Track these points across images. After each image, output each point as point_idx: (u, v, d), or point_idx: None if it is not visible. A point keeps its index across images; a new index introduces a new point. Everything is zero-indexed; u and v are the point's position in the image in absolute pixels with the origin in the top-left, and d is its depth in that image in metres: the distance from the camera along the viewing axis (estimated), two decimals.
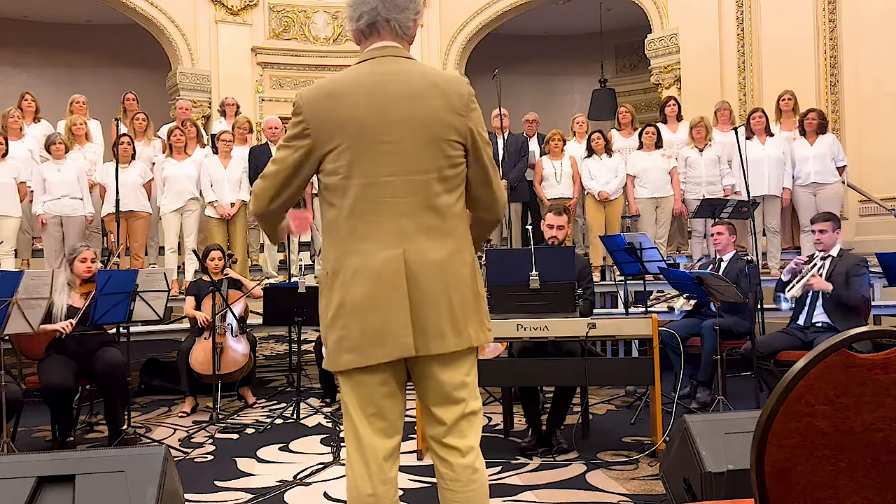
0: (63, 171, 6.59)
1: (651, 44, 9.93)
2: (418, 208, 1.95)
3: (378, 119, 1.93)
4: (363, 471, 1.97)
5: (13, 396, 4.01)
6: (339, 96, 1.96)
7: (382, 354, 1.92)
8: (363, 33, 2.04)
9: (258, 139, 8.52)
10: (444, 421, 2.00)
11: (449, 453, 2.01)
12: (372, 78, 1.97)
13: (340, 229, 1.96)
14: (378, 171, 1.93)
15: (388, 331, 1.91)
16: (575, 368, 4.02)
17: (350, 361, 1.94)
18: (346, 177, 1.94)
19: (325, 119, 1.94)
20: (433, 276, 1.93)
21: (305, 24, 11.48)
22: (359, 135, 1.93)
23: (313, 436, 4.60)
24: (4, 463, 2.52)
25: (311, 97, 1.99)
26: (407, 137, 1.94)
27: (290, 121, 2.00)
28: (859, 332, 1.14)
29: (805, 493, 1.15)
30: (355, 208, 1.94)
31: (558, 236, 4.55)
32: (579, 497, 3.44)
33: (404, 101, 1.95)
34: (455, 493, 2.00)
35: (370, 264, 1.92)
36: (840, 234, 4.90)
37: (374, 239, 1.93)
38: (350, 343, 1.93)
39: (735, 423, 2.82)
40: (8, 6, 11.38)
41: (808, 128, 6.81)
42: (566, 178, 7.36)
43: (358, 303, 1.92)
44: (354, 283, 1.93)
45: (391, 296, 1.91)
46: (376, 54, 2.02)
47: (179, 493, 2.70)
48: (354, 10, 2.04)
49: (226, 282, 5.53)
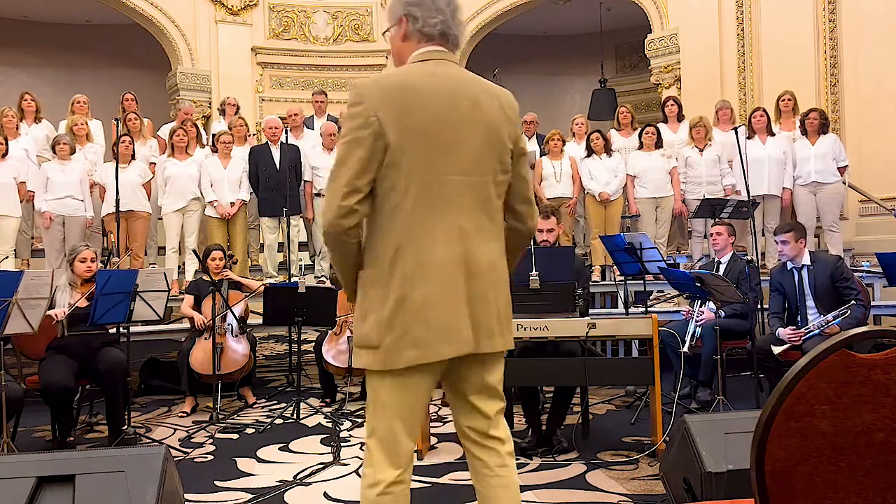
0: (67, 171, 6.61)
1: (651, 44, 9.93)
2: (475, 210, 1.99)
3: (445, 118, 1.95)
4: (386, 472, 1.96)
5: (13, 396, 4.01)
6: (409, 88, 1.95)
7: (448, 350, 1.94)
8: (427, 36, 2.04)
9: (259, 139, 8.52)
10: (489, 414, 2.07)
11: (494, 443, 2.09)
12: (437, 78, 1.99)
13: (397, 225, 1.93)
14: (442, 168, 1.94)
15: (452, 327, 1.93)
16: (575, 368, 4.02)
17: (413, 358, 1.91)
18: (410, 171, 1.91)
19: (393, 108, 1.91)
20: (486, 276, 1.99)
21: (305, 24, 11.49)
22: (426, 131, 1.92)
23: (313, 436, 4.60)
24: (4, 463, 2.52)
25: (376, 85, 1.95)
26: (469, 139, 1.97)
27: (349, 111, 1.94)
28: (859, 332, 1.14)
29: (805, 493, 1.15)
30: (418, 204, 1.92)
31: (549, 239, 4.52)
32: (579, 497, 3.44)
33: (468, 104, 1.98)
34: (503, 479, 2.08)
35: (434, 261, 1.93)
36: (804, 243, 4.86)
37: (437, 236, 1.93)
38: (412, 339, 1.90)
39: (735, 423, 2.83)
40: (8, 6, 11.38)
41: (810, 128, 6.81)
42: (565, 177, 7.36)
43: (423, 299, 1.91)
44: (418, 278, 1.91)
45: (454, 293, 1.94)
46: (434, 56, 2.03)
47: (179, 493, 2.70)
48: (427, 12, 2.03)
49: (226, 282, 5.54)
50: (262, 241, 7.42)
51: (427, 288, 1.92)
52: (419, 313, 1.91)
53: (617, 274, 6.02)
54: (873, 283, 6.52)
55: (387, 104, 1.91)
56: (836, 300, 4.69)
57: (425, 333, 1.91)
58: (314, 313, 5.17)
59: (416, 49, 2.05)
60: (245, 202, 7.13)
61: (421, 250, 1.92)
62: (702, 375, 5.02)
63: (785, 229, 4.90)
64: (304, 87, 11.24)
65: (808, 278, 4.81)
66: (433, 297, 1.92)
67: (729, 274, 5.11)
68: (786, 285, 4.89)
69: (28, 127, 7.26)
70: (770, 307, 4.98)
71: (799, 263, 4.85)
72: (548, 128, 8.19)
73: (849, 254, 7.19)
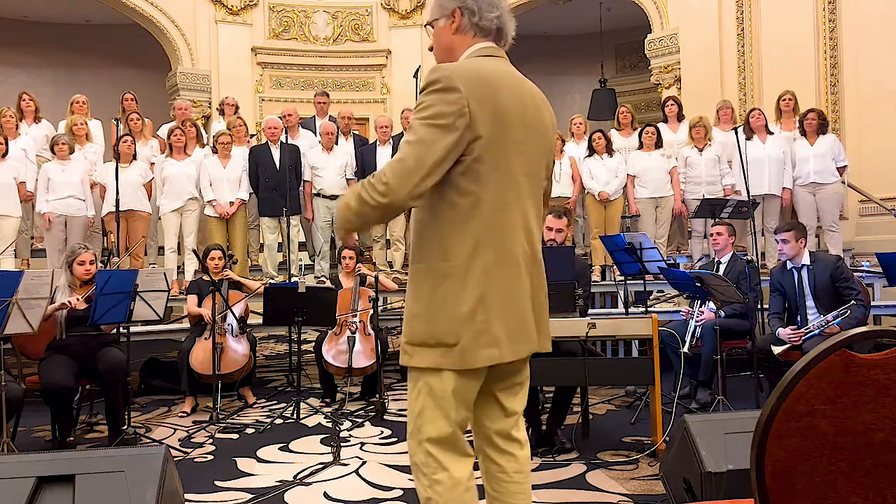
0: (67, 171, 6.61)
1: (651, 44, 9.94)
2: (533, 209, 2.00)
3: (520, 118, 1.93)
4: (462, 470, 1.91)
5: (13, 396, 4.01)
6: (494, 83, 1.89)
7: (523, 350, 1.94)
8: (484, 31, 1.99)
9: (259, 139, 8.52)
10: (516, 411, 2.06)
11: (513, 446, 2.05)
12: (510, 76, 1.96)
13: (475, 220, 1.87)
14: (515, 168, 1.93)
15: (526, 326, 1.93)
16: (575, 368, 4.02)
17: (492, 357, 1.86)
18: (492, 167, 1.87)
19: (483, 101, 1.84)
20: (540, 276, 2.01)
21: (305, 24, 11.49)
22: (508, 129, 1.90)
23: (313, 436, 4.59)
24: (4, 463, 2.52)
25: (467, 76, 1.85)
26: (535, 141, 1.99)
27: (439, 96, 1.81)
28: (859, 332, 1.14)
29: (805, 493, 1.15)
30: (496, 201, 1.88)
31: (557, 239, 4.51)
32: (579, 497, 3.44)
33: (533, 106, 2.00)
34: (520, 485, 2.04)
35: (511, 258, 1.91)
36: (804, 243, 4.87)
37: (511, 234, 1.92)
38: (491, 338, 1.85)
39: (735, 423, 2.83)
40: (8, 6, 11.38)
41: (809, 128, 6.81)
42: (565, 177, 7.37)
43: (503, 296, 1.88)
44: (497, 275, 1.87)
45: (525, 291, 1.94)
46: (495, 53, 2.00)
47: (179, 493, 2.70)
48: (485, 5, 1.98)
49: (226, 282, 5.54)
50: (262, 241, 7.42)
51: (505, 285, 1.89)
52: (499, 311, 1.86)
53: (617, 274, 6.02)
54: (873, 283, 6.52)
55: (478, 96, 1.84)
56: (835, 300, 4.70)
57: (504, 332, 1.87)
58: (314, 313, 5.17)
59: (472, 44, 1.99)
60: (244, 202, 7.13)
61: (500, 247, 1.89)
62: (702, 375, 5.02)
63: (785, 228, 4.91)
64: (304, 87, 11.24)
65: (808, 278, 4.81)
66: (511, 295, 1.90)
67: (729, 274, 5.11)
68: (786, 285, 4.89)
69: (27, 127, 7.27)
70: (770, 307, 4.97)
71: (799, 263, 4.85)
72: None
73: (849, 254, 7.19)
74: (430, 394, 1.90)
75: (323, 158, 7.40)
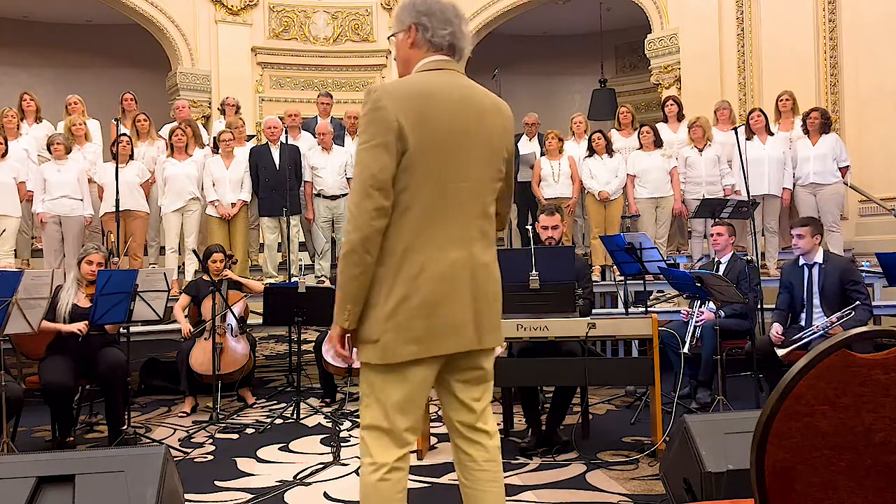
0: (63, 171, 6.61)
1: (651, 44, 9.93)
2: (478, 215, 2.09)
3: (457, 127, 2.03)
4: (386, 457, 2.01)
5: (13, 396, 4.01)
6: (426, 96, 2.01)
7: (448, 346, 2.03)
8: (436, 46, 2.10)
9: (259, 140, 8.52)
10: (476, 409, 2.16)
11: (481, 436, 2.16)
12: (450, 87, 2.07)
13: (407, 226, 1.99)
14: (453, 175, 2.03)
15: (455, 325, 2.02)
16: (575, 368, 4.02)
17: (412, 352, 1.98)
18: (423, 176, 1.98)
19: (412, 115, 1.97)
20: (486, 277, 2.10)
21: (305, 24, 11.48)
22: (440, 138, 2.00)
23: (313, 436, 4.60)
24: (4, 463, 2.52)
25: (396, 91, 2.00)
26: (477, 148, 2.07)
27: (370, 116, 1.97)
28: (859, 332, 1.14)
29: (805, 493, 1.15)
30: (427, 209, 2.00)
31: (554, 236, 4.54)
32: (579, 497, 3.44)
33: (475, 114, 2.08)
34: (490, 472, 2.15)
35: (442, 263, 2.01)
36: (819, 239, 4.88)
37: (445, 240, 2.02)
38: (412, 335, 1.97)
39: (735, 423, 2.82)
40: (8, 6, 11.38)
41: (811, 127, 6.80)
42: (564, 177, 7.36)
43: (427, 298, 1.98)
44: (423, 279, 1.98)
45: (458, 293, 2.03)
46: (444, 66, 2.11)
47: (179, 493, 2.70)
48: (437, 23, 2.09)
49: (226, 282, 5.54)
50: (262, 241, 7.41)
51: (431, 288, 1.99)
52: (421, 310, 1.98)
53: (617, 274, 6.02)
54: (873, 283, 6.52)
55: (406, 110, 1.96)
56: (842, 301, 4.69)
57: (426, 329, 1.98)
58: (314, 313, 5.17)
59: (425, 58, 2.11)
60: (246, 202, 7.13)
61: (428, 253, 2.00)
62: (702, 375, 5.02)
63: (802, 223, 4.94)
64: (304, 88, 11.24)
65: (819, 276, 4.81)
66: (437, 296, 1.99)
67: (729, 274, 5.11)
68: (794, 282, 4.90)
69: (28, 127, 7.27)
70: (777, 304, 4.99)
71: (811, 260, 4.86)
72: (548, 128, 8.20)
73: (849, 254, 7.18)
74: (368, 385, 2.06)
75: (322, 159, 7.40)
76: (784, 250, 7.13)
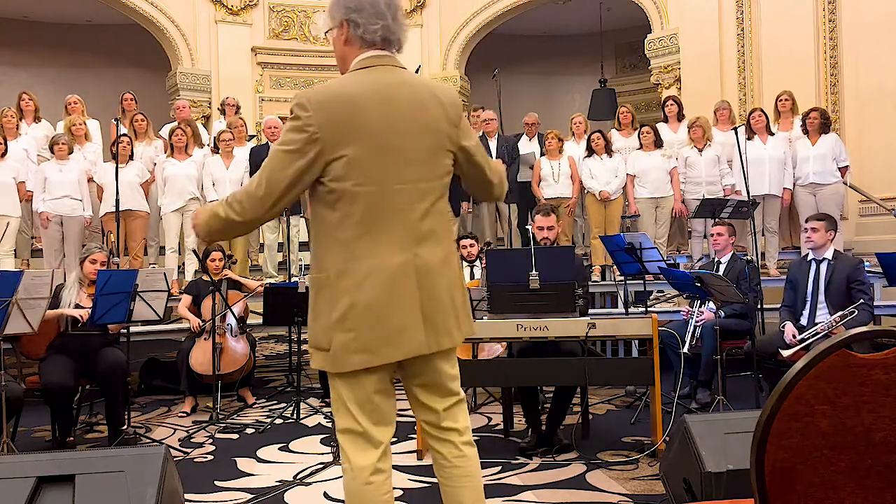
0: (65, 171, 6.61)
1: (651, 44, 9.93)
2: (424, 214, 2.03)
3: (391, 127, 1.97)
4: (364, 460, 2.01)
5: (13, 396, 4.01)
6: (353, 101, 1.96)
7: (397, 353, 1.99)
8: (368, 42, 2.05)
9: (258, 140, 8.52)
10: (437, 409, 2.12)
11: (450, 434, 2.13)
12: (381, 86, 2.01)
13: (347, 233, 1.97)
14: (390, 178, 1.97)
15: (402, 331, 1.98)
16: (575, 368, 4.01)
17: (361, 361, 1.96)
18: (357, 183, 1.94)
19: (338, 123, 1.93)
20: (437, 277, 2.03)
21: (305, 24, 11.48)
22: (373, 141, 1.95)
23: (313, 436, 4.60)
24: (4, 463, 2.52)
25: (320, 99, 1.95)
26: (415, 146, 2.01)
27: (291, 123, 1.95)
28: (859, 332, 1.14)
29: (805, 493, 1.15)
30: (367, 214, 1.96)
31: (550, 237, 4.52)
32: (579, 497, 3.44)
33: (412, 110, 2.01)
34: (462, 469, 2.12)
35: (384, 268, 1.97)
36: (832, 235, 4.89)
37: (387, 243, 1.98)
38: (360, 344, 1.95)
39: (735, 423, 2.82)
40: (8, 6, 11.37)
41: (811, 127, 6.80)
42: (563, 177, 7.36)
43: (371, 304, 1.95)
44: (367, 285, 1.95)
45: (405, 298, 1.98)
46: (377, 62, 2.05)
47: (179, 493, 2.70)
48: (368, 18, 2.03)
49: (225, 282, 5.53)
50: (262, 240, 7.41)
51: (376, 293, 1.96)
52: (367, 318, 1.95)
53: (617, 274, 6.01)
54: (873, 283, 6.51)
55: (332, 118, 1.93)
56: (845, 300, 4.69)
57: (373, 338, 1.96)
58: None
59: (359, 54, 2.06)
60: None
61: (371, 258, 1.97)
62: (702, 375, 5.02)
63: (817, 217, 4.98)
64: (304, 87, 11.24)
65: (826, 273, 4.81)
66: (382, 302, 1.96)
67: (729, 274, 5.11)
68: (800, 277, 4.90)
69: (28, 127, 7.27)
70: (784, 300, 4.99)
71: (820, 256, 4.86)
72: (548, 128, 8.20)
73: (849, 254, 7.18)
74: (335, 389, 2.06)
75: None
76: (784, 250, 7.13)
